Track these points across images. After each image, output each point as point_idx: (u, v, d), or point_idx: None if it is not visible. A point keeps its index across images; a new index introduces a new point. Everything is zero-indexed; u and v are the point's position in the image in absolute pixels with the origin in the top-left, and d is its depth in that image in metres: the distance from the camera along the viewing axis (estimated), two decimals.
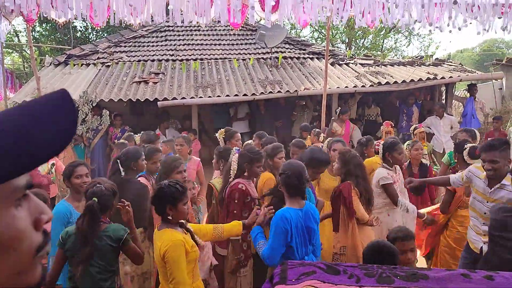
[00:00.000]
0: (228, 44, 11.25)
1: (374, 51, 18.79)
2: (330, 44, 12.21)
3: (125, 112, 8.96)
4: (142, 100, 8.01)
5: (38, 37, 17.55)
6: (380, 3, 5.39)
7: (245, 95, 8.21)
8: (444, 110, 8.24)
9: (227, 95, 8.18)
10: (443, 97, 10.11)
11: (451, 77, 8.70)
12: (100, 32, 17.26)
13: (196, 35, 11.47)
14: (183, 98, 8.04)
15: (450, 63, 10.31)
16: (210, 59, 10.39)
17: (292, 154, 4.44)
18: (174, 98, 7.99)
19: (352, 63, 10.32)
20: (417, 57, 11.59)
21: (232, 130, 4.99)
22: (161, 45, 10.98)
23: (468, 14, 5.32)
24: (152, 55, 10.47)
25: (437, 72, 9.10)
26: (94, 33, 18.01)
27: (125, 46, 10.88)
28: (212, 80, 9.06)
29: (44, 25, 17.32)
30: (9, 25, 6.16)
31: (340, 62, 10.37)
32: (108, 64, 9.87)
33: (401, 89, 8.68)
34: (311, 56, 10.88)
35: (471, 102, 8.92)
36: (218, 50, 10.91)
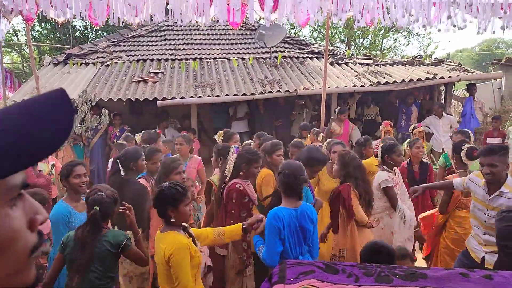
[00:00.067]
0: (227, 44, 11.24)
1: (373, 51, 18.82)
2: (330, 44, 12.23)
3: (124, 111, 8.96)
4: (142, 100, 8.00)
5: (37, 36, 17.52)
6: (380, 2, 5.39)
7: (244, 94, 8.20)
8: (443, 109, 8.24)
9: (227, 95, 8.18)
10: (442, 96, 10.11)
11: (450, 76, 8.70)
12: (100, 32, 17.23)
13: (195, 34, 11.45)
14: (183, 97, 8.03)
15: (449, 63, 10.30)
16: (209, 59, 10.38)
17: (291, 155, 4.45)
18: (174, 98, 7.98)
19: (351, 63, 10.31)
20: (416, 56, 11.58)
21: (230, 132, 5.01)
22: (161, 45, 10.97)
23: (467, 12, 5.31)
24: (152, 55, 10.45)
25: (436, 71, 9.09)
26: (93, 32, 17.98)
27: (125, 46, 10.87)
28: (212, 79, 9.05)
29: (43, 25, 17.30)
30: (8, 25, 6.15)
31: (339, 62, 10.36)
32: (107, 63, 9.85)
33: (400, 89, 8.68)
34: (310, 55, 10.87)
35: (470, 101, 8.92)
36: (218, 49, 10.90)
